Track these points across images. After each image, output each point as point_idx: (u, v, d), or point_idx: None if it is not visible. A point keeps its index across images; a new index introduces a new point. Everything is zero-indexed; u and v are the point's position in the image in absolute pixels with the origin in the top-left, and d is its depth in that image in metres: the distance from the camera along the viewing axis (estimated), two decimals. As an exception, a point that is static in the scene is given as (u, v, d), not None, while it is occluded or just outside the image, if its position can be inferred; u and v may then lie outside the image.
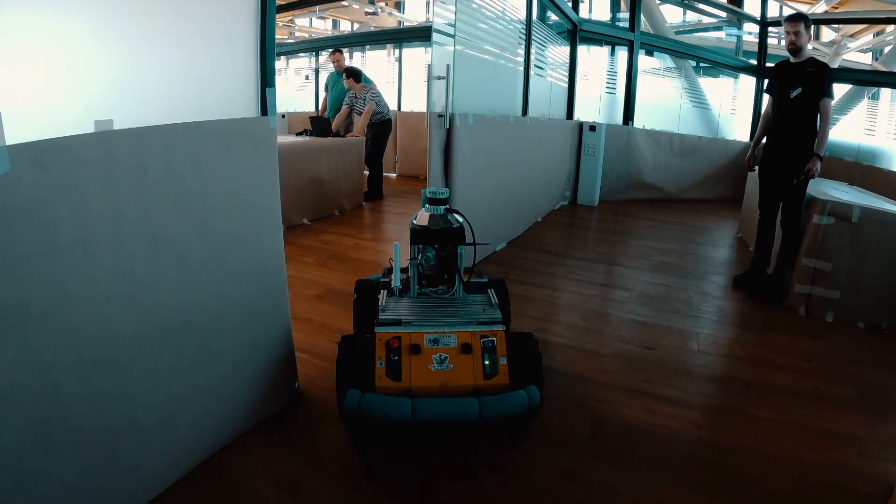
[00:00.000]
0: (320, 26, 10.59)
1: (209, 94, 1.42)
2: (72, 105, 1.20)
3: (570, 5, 5.49)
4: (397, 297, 1.89)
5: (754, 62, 6.83)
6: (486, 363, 1.61)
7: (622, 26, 6.35)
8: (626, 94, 6.30)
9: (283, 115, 7.57)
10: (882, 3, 6.32)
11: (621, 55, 6.38)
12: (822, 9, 6.93)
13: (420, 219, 1.89)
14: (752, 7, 6.88)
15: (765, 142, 3.19)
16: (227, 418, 1.57)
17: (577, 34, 5.80)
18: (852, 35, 7.40)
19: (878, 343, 2.60)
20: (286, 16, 8.87)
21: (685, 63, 6.85)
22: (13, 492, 1.02)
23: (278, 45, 9.01)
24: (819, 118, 2.90)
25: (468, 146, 3.20)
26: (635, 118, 6.34)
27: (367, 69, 6.37)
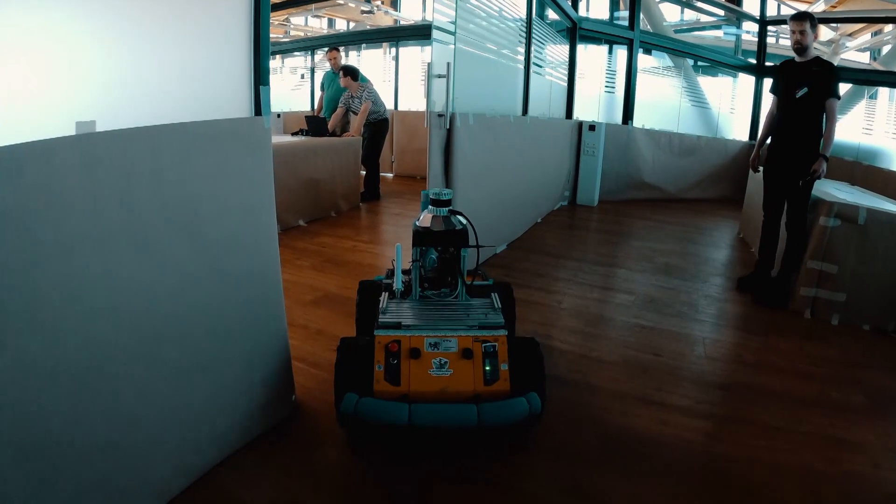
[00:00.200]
0: (316, 25, 10.52)
1: (199, 93, 1.34)
2: (53, 106, 1.13)
3: (569, 3, 5.44)
4: (399, 299, 1.86)
5: (753, 61, 6.80)
6: (487, 369, 1.57)
7: (622, 24, 6.30)
8: (626, 93, 6.25)
9: (279, 115, 7.50)
10: (881, 2, 6.31)
11: (620, 54, 6.33)
12: (820, 8, 6.92)
13: (423, 220, 1.87)
14: (751, 6, 6.86)
15: (769, 142, 3.14)
16: (221, 433, 1.50)
17: (576, 32, 5.76)
18: (851, 34, 7.39)
19: (884, 346, 2.58)
20: (282, 14, 8.79)
21: (684, 62, 6.81)
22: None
23: (274, 44, 8.93)
24: (825, 118, 2.86)
25: (469, 146, 3.13)
26: (634, 117, 6.29)
27: (364, 68, 6.29)
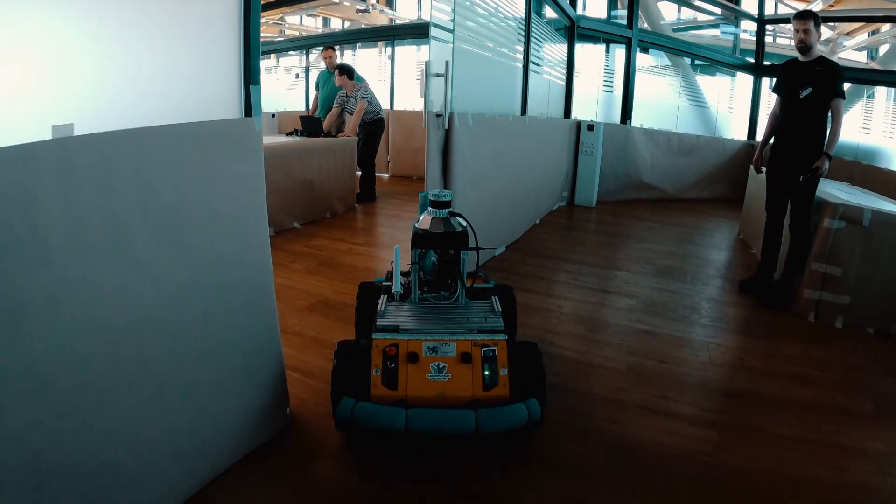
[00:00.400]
0: (311, 24, 10.41)
1: (186, 93, 1.27)
2: (27, 110, 1.06)
3: (567, 1, 5.38)
4: (397, 302, 1.84)
5: (752, 60, 6.77)
6: (486, 374, 1.55)
7: (620, 23, 6.25)
8: (624, 92, 6.20)
9: (273, 115, 7.42)
10: (878, 0, 6.29)
11: (618, 52, 6.28)
12: (818, 7, 6.89)
13: (422, 222, 1.84)
14: (749, 5, 6.83)
15: (772, 142, 3.09)
16: (213, 449, 1.44)
17: (574, 31, 5.70)
18: (848, 33, 7.37)
19: (889, 350, 2.55)
20: (276, 13, 8.69)
21: (682, 61, 6.77)
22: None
23: (268, 43, 8.84)
24: (832, 118, 2.82)
25: (468, 147, 3.07)
26: (633, 117, 6.24)
27: (359, 67, 6.21)
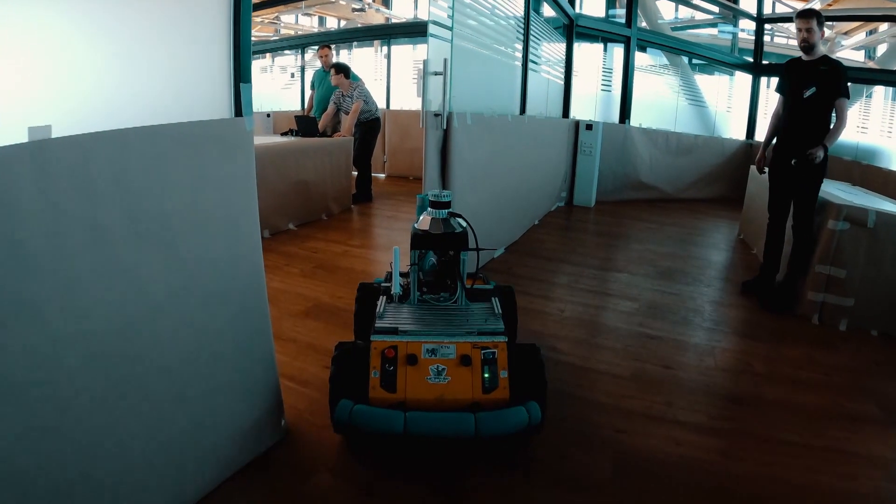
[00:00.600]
0: (306, 23, 10.32)
1: (172, 91, 1.20)
2: (2, 110, 0.99)
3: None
4: (397, 303, 1.82)
5: (750, 59, 6.75)
6: (486, 376, 1.53)
7: (619, 22, 6.20)
8: (623, 91, 6.16)
9: (269, 115, 7.33)
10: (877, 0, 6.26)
11: (617, 51, 6.23)
12: (816, 6, 6.87)
13: (421, 223, 1.83)
14: (747, 4, 6.80)
15: (775, 143, 3.05)
16: (204, 465, 1.37)
17: (573, 29, 5.65)
18: (846, 33, 7.36)
19: (893, 353, 2.52)
20: (271, 12, 8.60)
21: (681, 60, 6.74)
22: None
23: (264, 42, 8.74)
24: (836, 117, 2.78)
25: (466, 147, 3.00)
26: (631, 116, 6.20)
27: (355, 66, 6.14)
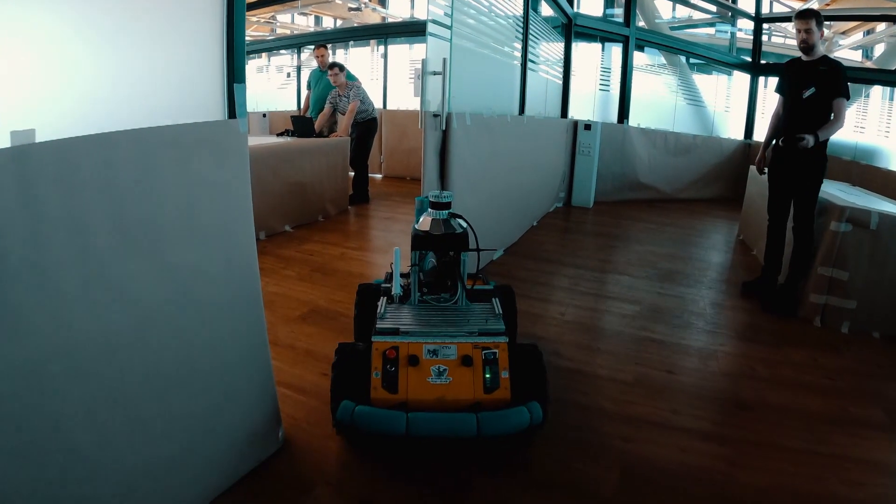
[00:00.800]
0: (302, 22, 10.25)
1: (163, 92, 1.15)
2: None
3: (564, -1, 5.29)
4: (397, 304, 1.83)
5: (748, 59, 6.73)
6: (487, 376, 1.54)
7: (617, 21, 6.17)
8: (622, 91, 6.12)
9: (265, 115, 7.27)
10: (874, -1, 6.26)
11: (615, 51, 6.20)
12: (815, 6, 6.86)
13: (422, 224, 1.83)
14: (745, 3, 6.78)
15: (774, 143, 3.02)
16: (198, 481, 1.32)
17: (571, 28, 5.61)
18: (844, 32, 7.36)
19: (896, 355, 2.49)
20: (267, 11, 8.54)
21: (679, 59, 6.71)
22: None
23: (259, 42, 8.68)
24: (832, 116, 2.74)
25: (466, 148, 2.96)
26: (630, 116, 6.17)
27: (351, 66, 6.09)
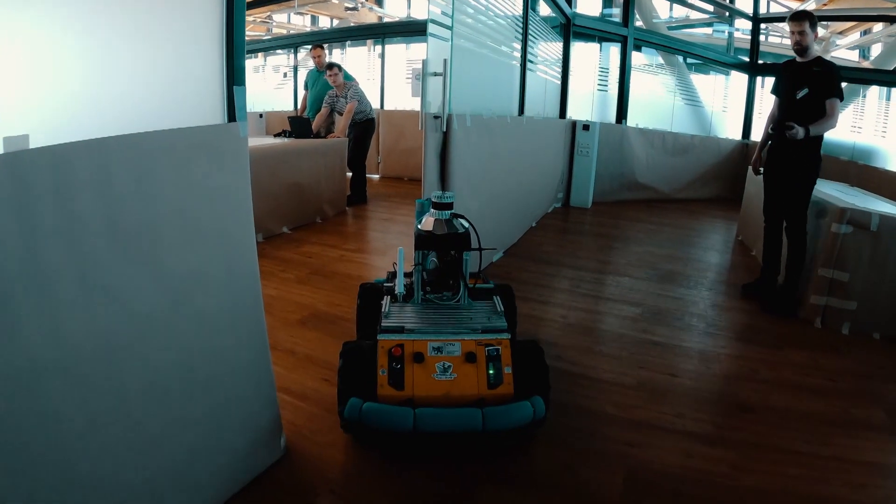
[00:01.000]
0: (299, 22, 10.21)
1: (161, 96, 1.12)
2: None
3: (563, -2, 5.28)
4: (401, 303, 1.86)
5: (746, 59, 6.74)
6: (491, 372, 1.58)
7: (615, 21, 6.16)
8: (620, 91, 6.12)
9: (261, 115, 7.23)
10: (871, -1, 6.27)
11: (613, 51, 6.19)
12: (811, 6, 6.87)
13: (425, 224, 1.86)
14: (744, 3, 6.79)
15: (769, 144, 3.02)
16: (199, 491, 1.30)
17: (570, 28, 5.60)
18: (841, 32, 7.38)
19: (896, 356, 2.50)
20: (264, 11, 8.50)
21: (677, 59, 6.71)
22: None
23: (256, 42, 8.63)
24: (825, 115, 2.72)
25: (466, 150, 2.94)
26: (628, 116, 6.16)
27: (348, 66, 6.06)
